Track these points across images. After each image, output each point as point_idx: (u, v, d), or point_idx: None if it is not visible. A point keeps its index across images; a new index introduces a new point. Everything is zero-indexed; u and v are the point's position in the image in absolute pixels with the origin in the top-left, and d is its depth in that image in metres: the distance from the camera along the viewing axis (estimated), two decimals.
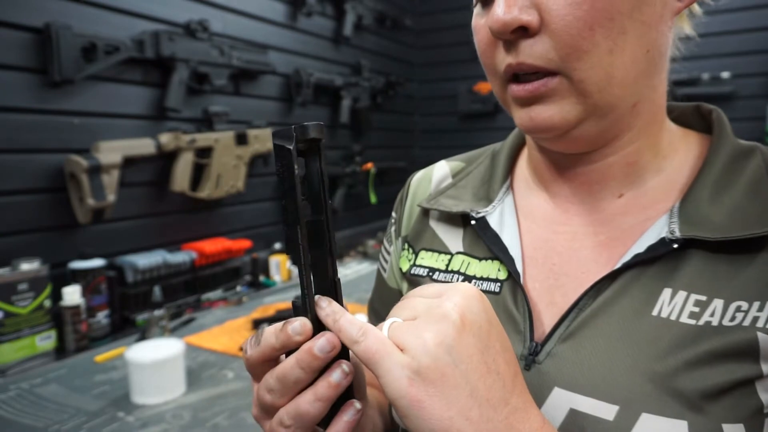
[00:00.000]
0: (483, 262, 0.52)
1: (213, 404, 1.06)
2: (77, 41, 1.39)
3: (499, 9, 0.41)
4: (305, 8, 2.18)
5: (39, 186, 1.38)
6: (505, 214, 0.54)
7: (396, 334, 0.35)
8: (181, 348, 1.11)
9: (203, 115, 1.81)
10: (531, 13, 0.41)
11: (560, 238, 0.50)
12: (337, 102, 2.44)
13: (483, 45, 0.46)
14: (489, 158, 0.60)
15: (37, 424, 0.97)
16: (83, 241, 1.47)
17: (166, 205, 1.72)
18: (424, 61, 3.18)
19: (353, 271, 2.16)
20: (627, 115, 0.45)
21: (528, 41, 0.42)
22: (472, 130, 3.01)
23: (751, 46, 2.39)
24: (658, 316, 0.42)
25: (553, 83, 0.42)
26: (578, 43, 0.40)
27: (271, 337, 0.37)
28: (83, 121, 1.46)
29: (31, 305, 1.26)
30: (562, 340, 0.44)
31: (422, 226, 0.60)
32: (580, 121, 0.44)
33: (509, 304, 0.49)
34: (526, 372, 0.45)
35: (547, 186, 0.53)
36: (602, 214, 0.49)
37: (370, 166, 2.63)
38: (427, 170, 0.65)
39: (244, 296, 1.78)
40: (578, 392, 0.42)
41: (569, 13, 0.40)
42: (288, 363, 0.36)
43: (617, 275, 0.44)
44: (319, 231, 0.39)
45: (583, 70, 0.41)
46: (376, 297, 0.68)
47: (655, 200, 0.47)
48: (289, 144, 0.36)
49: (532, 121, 0.44)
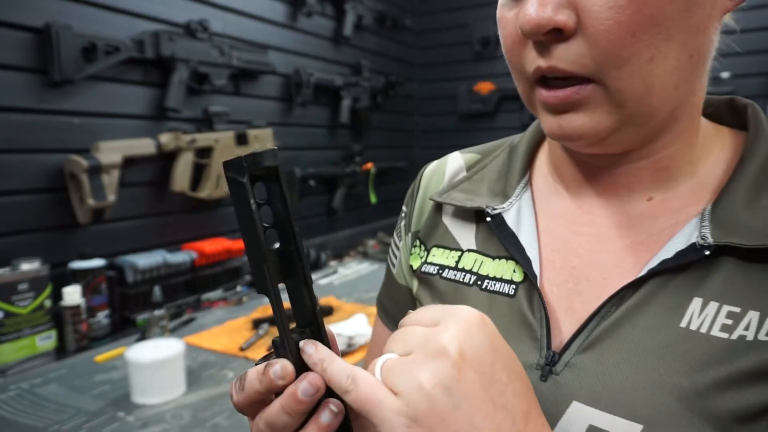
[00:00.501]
0: (496, 261, 0.49)
1: (213, 404, 1.06)
2: (77, 41, 1.39)
3: (532, 7, 0.37)
4: (305, 8, 2.18)
5: (39, 186, 1.38)
6: (522, 211, 0.51)
7: (389, 375, 0.32)
8: (181, 348, 1.11)
9: (203, 115, 1.81)
10: (567, 14, 0.37)
11: (581, 239, 0.47)
12: (337, 102, 2.44)
13: (509, 41, 0.43)
14: (506, 151, 0.56)
15: (37, 424, 0.97)
16: (83, 241, 1.47)
17: (166, 205, 1.72)
18: (424, 61, 3.18)
19: (353, 271, 2.16)
20: (664, 121, 0.42)
21: (562, 44, 0.38)
22: (472, 130, 3.01)
23: (751, 46, 2.40)
24: (687, 328, 0.38)
25: (586, 91, 0.39)
26: (617, 50, 0.37)
27: (255, 382, 0.35)
28: (83, 121, 1.46)
29: (32, 305, 1.26)
30: (582, 350, 0.41)
31: (435, 221, 0.57)
32: (612, 131, 0.40)
33: (525, 309, 0.45)
34: (542, 383, 0.42)
35: (568, 184, 0.50)
36: (628, 216, 0.45)
37: (370, 166, 2.63)
38: (441, 162, 0.61)
39: (244, 296, 1.78)
40: (598, 408, 0.39)
41: (611, 17, 0.36)
42: (274, 408, 0.35)
43: (642, 282, 0.41)
44: (289, 260, 0.36)
45: (621, 78, 0.38)
46: (385, 293, 0.65)
47: (685, 203, 0.44)
48: (241, 177, 0.33)
49: (561, 129, 0.41)
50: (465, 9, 2.95)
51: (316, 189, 2.30)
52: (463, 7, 2.96)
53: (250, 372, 0.36)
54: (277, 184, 0.35)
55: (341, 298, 1.72)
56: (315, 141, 2.38)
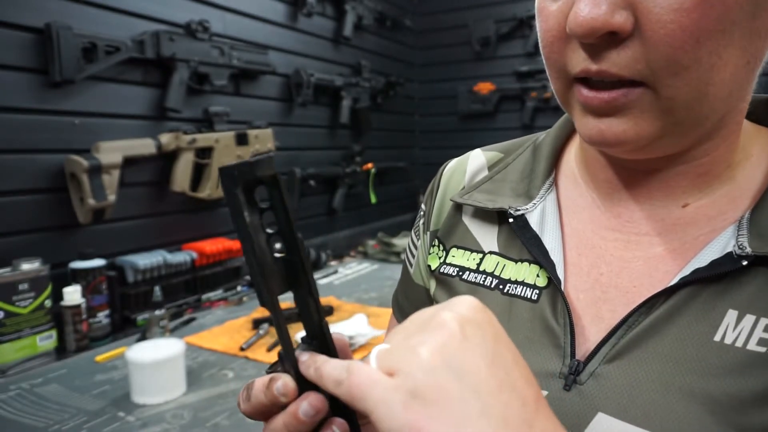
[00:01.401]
0: (519, 265, 0.47)
1: (213, 404, 1.06)
2: (78, 41, 1.39)
3: (585, 7, 0.34)
4: (305, 8, 2.18)
5: (40, 186, 1.38)
6: (547, 212, 0.48)
7: (384, 358, 0.30)
8: (182, 348, 1.11)
9: (203, 115, 1.81)
10: (624, 15, 0.34)
11: (610, 245, 0.45)
12: (337, 102, 2.44)
13: (550, 36, 0.39)
14: (530, 150, 0.54)
15: (38, 423, 0.97)
16: (84, 241, 1.47)
17: (167, 205, 1.72)
18: (424, 62, 3.18)
19: (353, 271, 2.16)
20: (710, 128, 0.39)
21: (615, 47, 0.35)
22: (472, 130, 3.02)
23: None
24: (722, 341, 0.37)
25: (634, 95, 0.36)
26: (678, 57, 0.33)
27: (260, 394, 0.34)
28: (84, 121, 1.46)
29: (32, 305, 1.26)
30: (609, 360, 0.40)
31: (454, 221, 0.55)
32: (655, 138, 0.38)
33: (548, 315, 0.43)
34: (565, 392, 0.40)
35: (599, 185, 0.47)
36: (662, 223, 0.43)
37: (370, 167, 2.63)
38: (461, 160, 0.59)
39: (245, 296, 1.78)
40: (626, 420, 0.37)
41: (674, 21, 0.33)
42: (278, 424, 0.34)
43: (673, 291, 0.39)
44: (294, 270, 0.34)
45: (676, 86, 0.35)
46: (401, 292, 0.64)
47: (722, 209, 0.41)
48: (234, 187, 0.31)
49: (602, 134, 0.38)
50: (465, 9, 2.95)
51: (316, 189, 2.30)
52: (463, 7, 2.96)
53: (257, 383, 0.35)
54: (277, 191, 0.33)
55: (341, 298, 1.72)
56: (315, 141, 2.38)
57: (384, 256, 2.37)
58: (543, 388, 0.41)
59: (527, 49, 2.77)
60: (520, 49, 2.81)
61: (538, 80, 2.72)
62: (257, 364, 1.25)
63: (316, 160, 2.36)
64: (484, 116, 2.95)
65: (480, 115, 2.96)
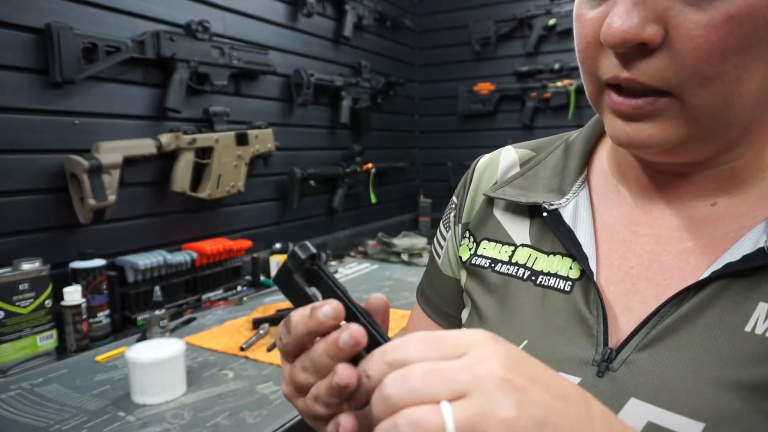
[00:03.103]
0: (551, 257, 0.49)
1: (213, 404, 1.06)
2: (78, 41, 1.39)
3: (618, 19, 0.36)
4: (305, 8, 2.18)
5: (40, 186, 1.38)
6: (579, 208, 0.50)
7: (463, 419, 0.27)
8: (182, 348, 1.11)
9: (204, 115, 1.81)
10: (655, 28, 0.36)
11: (640, 240, 0.47)
12: (337, 102, 2.44)
13: (585, 42, 0.41)
14: (562, 148, 0.56)
15: (38, 423, 0.97)
16: (84, 241, 1.47)
17: (167, 205, 1.72)
18: (424, 62, 3.18)
19: (353, 271, 2.16)
20: (736, 136, 0.41)
21: (645, 57, 0.37)
22: (472, 131, 3.02)
23: None
24: (752, 332, 0.38)
25: (661, 104, 0.38)
26: (703, 70, 0.35)
27: (301, 326, 0.35)
28: (84, 121, 1.46)
29: (32, 305, 1.26)
30: (641, 348, 0.41)
31: (486, 214, 0.57)
32: (681, 144, 0.40)
33: (581, 305, 0.45)
34: (598, 379, 0.42)
35: (629, 184, 0.49)
36: (692, 219, 0.45)
37: (370, 167, 2.63)
38: (494, 155, 0.61)
39: (245, 296, 1.78)
40: (658, 405, 0.38)
41: (701, 35, 0.34)
42: (318, 350, 0.35)
43: (704, 285, 0.40)
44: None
45: (701, 96, 0.36)
46: (428, 282, 0.65)
47: (752, 207, 0.43)
48: (294, 273, 0.37)
49: (629, 137, 0.40)
50: (465, 9, 2.95)
51: (316, 189, 2.30)
52: (463, 7, 2.96)
53: (294, 316, 0.36)
54: (319, 274, 0.38)
55: None
56: (315, 141, 2.38)
57: (384, 256, 2.37)
58: (577, 374, 0.43)
59: (527, 50, 2.77)
60: (520, 50, 2.81)
61: (537, 80, 2.72)
62: (257, 364, 1.25)
63: (316, 160, 2.36)
64: (484, 116, 2.95)
65: (480, 116, 2.96)
